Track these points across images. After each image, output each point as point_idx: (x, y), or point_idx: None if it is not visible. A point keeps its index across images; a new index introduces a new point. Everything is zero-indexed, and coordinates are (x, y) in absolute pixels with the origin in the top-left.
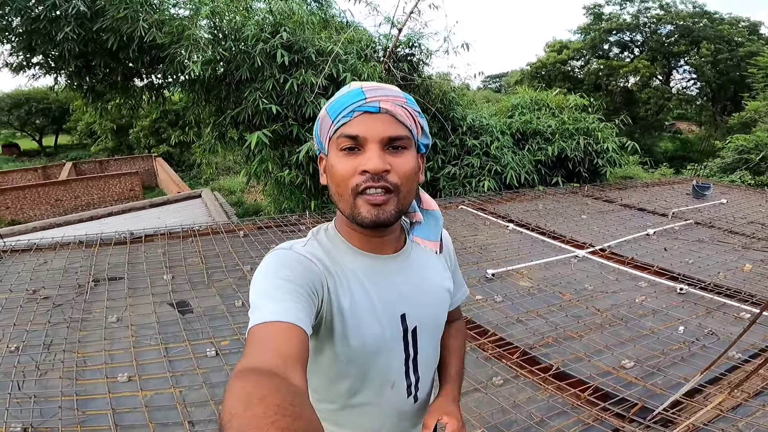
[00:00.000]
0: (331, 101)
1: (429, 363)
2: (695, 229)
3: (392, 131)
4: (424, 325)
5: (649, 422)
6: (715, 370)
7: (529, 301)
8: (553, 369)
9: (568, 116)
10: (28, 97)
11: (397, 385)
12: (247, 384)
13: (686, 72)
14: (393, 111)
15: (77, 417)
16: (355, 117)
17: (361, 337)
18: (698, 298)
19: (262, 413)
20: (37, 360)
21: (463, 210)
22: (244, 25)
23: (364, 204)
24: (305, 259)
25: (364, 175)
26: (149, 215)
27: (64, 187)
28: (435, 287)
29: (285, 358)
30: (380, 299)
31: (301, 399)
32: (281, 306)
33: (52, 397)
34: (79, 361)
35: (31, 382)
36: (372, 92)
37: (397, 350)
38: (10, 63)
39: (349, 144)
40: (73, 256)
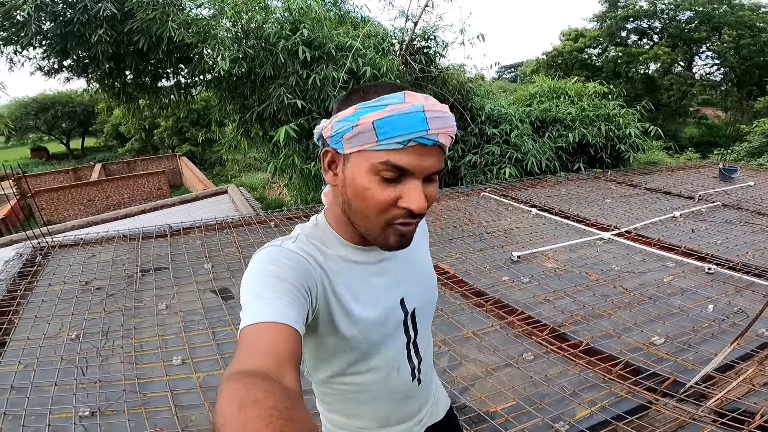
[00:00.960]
0: (381, 114)
1: (427, 344)
2: (722, 211)
3: (437, 166)
4: (421, 307)
5: (682, 395)
6: (746, 347)
7: (555, 282)
8: (583, 345)
9: (587, 103)
10: (54, 100)
11: (402, 369)
12: (240, 387)
13: (709, 58)
14: (445, 144)
15: (140, 399)
16: (409, 146)
17: (361, 325)
18: (727, 278)
19: (256, 416)
20: (98, 346)
21: (485, 197)
22: (265, 23)
23: (395, 233)
24: (296, 256)
25: (403, 210)
26: (180, 211)
27: (96, 187)
28: (426, 269)
29: (277, 360)
30: (379, 287)
31: (295, 401)
32: (272, 306)
33: (115, 381)
34: (137, 347)
35: (95, 367)
36: (435, 123)
37: (398, 334)
38: (42, 67)
39: (393, 175)
40: (118, 249)
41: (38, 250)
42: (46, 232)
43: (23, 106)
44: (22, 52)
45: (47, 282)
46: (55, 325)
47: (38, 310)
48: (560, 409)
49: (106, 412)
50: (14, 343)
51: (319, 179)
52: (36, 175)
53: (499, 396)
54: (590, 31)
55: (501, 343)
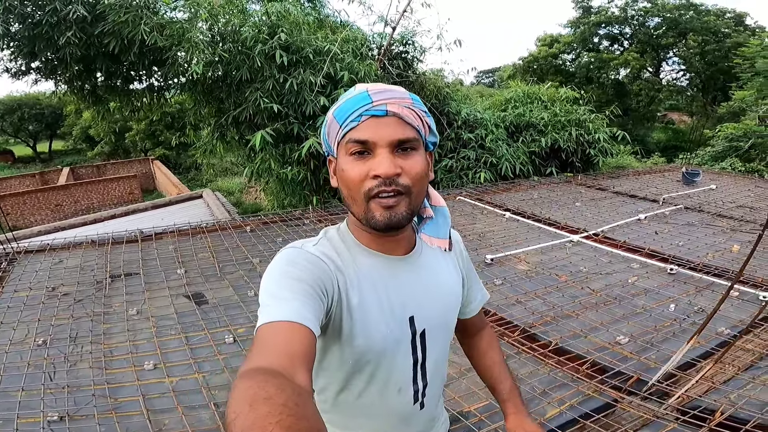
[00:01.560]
0: (338, 105)
1: (437, 369)
2: (685, 214)
3: (401, 134)
4: (432, 329)
5: (645, 393)
6: (706, 345)
7: (527, 283)
8: (552, 345)
9: (560, 108)
10: (21, 102)
11: (403, 390)
12: (253, 383)
13: (675, 63)
14: (400, 113)
15: (110, 404)
16: (362, 121)
17: (367, 338)
18: (688, 278)
19: (266, 412)
20: (66, 352)
21: (461, 200)
22: (242, 27)
23: (377, 207)
24: (316, 258)
25: (375, 179)
26: (152, 216)
27: (64, 191)
28: (445, 290)
29: (291, 358)
30: (389, 300)
31: (306, 399)
32: (289, 306)
33: (84, 386)
34: (106, 352)
35: (62, 372)
36: (378, 95)
37: (404, 354)
38: (10, 68)
39: (358, 149)
40: (87, 255)
41: (3, 256)
42: (12, 237)
43: None
44: None
45: (13, 288)
46: (21, 332)
47: (3, 316)
48: (531, 409)
49: (75, 416)
50: None
51: (296, 184)
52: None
53: (472, 396)
54: (564, 36)
55: None
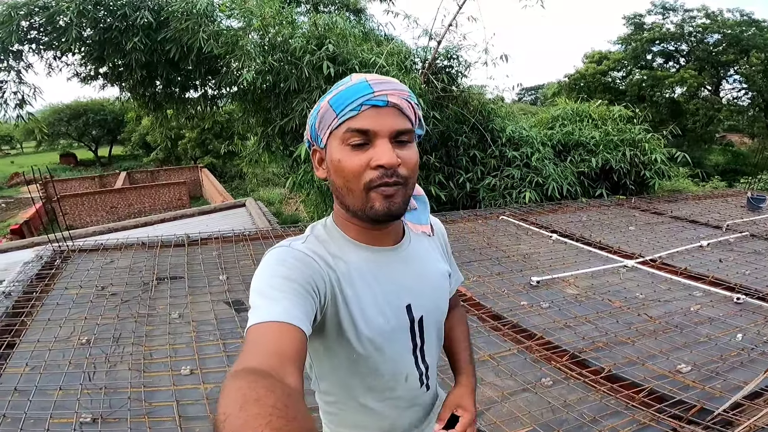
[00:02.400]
0: (334, 93)
1: (434, 351)
2: (751, 241)
3: (400, 125)
4: (429, 314)
5: (709, 423)
6: None
7: (576, 308)
8: (605, 372)
9: (612, 127)
10: (86, 108)
11: (410, 377)
12: (243, 384)
13: (736, 82)
14: (399, 104)
15: (144, 408)
16: (363, 111)
17: (368, 330)
18: (756, 308)
19: (256, 413)
20: (107, 352)
21: (504, 220)
22: (291, 37)
23: (377, 197)
24: (304, 256)
25: (377, 170)
26: (198, 222)
27: (119, 195)
28: (435, 276)
29: (281, 359)
30: (384, 291)
31: (296, 400)
32: (279, 306)
33: (121, 389)
34: (146, 354)
35: (102, 373)
36: (379, 86)
37: (404, 341)
38: (80, 73)
39: (358, 139)
40: (137, 256)
41: (58, 254)
42: (68, 236)
43: (57, 112)
44: (62, 57)
45: (64, 285)
46: (66, 329)
47: (52, 313)
48: None
49: (108, 419)
50: (24, 345)
51: None
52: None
53: (515, 421)
54: (614, 53)
55: (518, 368)
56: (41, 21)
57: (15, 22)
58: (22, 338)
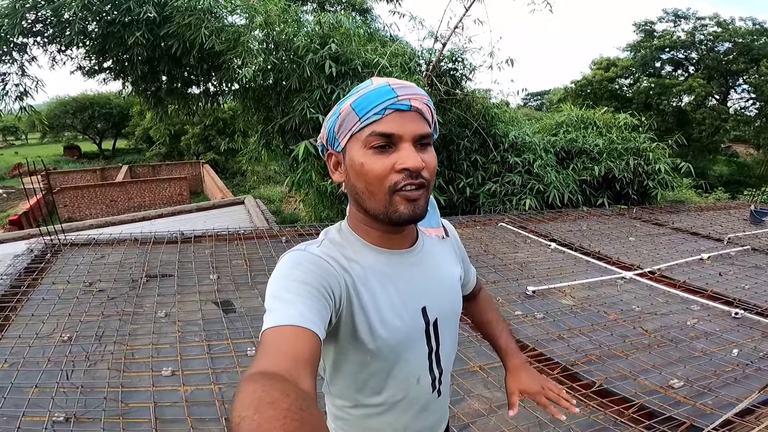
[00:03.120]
0: (356, 97)
1: (449, 355)
2: (752, 255)
3: (423, 129)
4: (444, 317)
5: None
6: None
7: (571, 319)
8: (596, 386)
9: (616, 135)
10: (92, 101)
11: (422, 380)
12: (258, 387)
13: (745, 91)
14: (421, 109)
15: (120, 408)
16: (387, 115)
17: (384, 333)
18: (754, 323)
19: (271, 416)
20: (88, 350)
21: (502, 227)
22: (295, 36)
23: (402, 201)
24: (320, 260)
25: (402, 173)
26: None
27: (120, 188)
28: (450, 279)
29: (295, 362)
30: (400, 294)
31: (310, 403)
32: (294, 309)
33: (98, 388)
34: (128, 354)
35: (80, 372)
36: (402, 90)
37: (420, 344)
38: (83, 67)
39: (381, 142)
40: (128, 253)
41: (49, 247)
42: (60, 229)
43: (63, 104)
44: (65, 51)
45: (51, 280)
46: (49, 326)
47: (36, 309)
48: None
49: (81, 419)
50: (5, 341)
51: (335, 197)
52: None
53: None
54: (623, 60)
55: None
56: (46, 14)
57: (20, 15)
58: (5, 333)
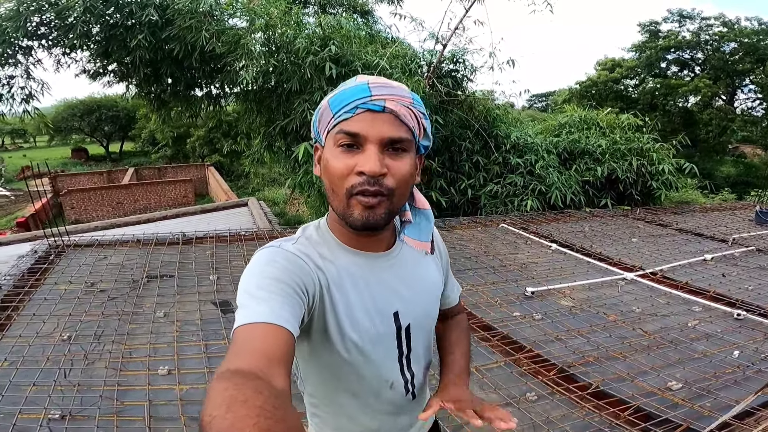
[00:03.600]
0: (335, 93)
1: (421, 360)
2: (756, 256)
3: (393, 132)
4: (416, 323)
5: None
6: None
7: (570, 320)
8: (592, 387)
9: (620, 136)
10: (99, 104)
11: (395, 384)
12: (229, 386)
13: (752, 92)
14: (397, 111)
15: (115, 407)
16: (357, 114)
17: (354, 335)
18: (757, 324)
19: (243, 415)
20: (87, 350)
21: (503, 228)
22: (296, 38)
23: (357, 205)
24: (294, 257)
25: (360, 176)
26: (200, 220)
27: (126, 190)
28: (427, 285)
29: (268, 360)
30: (372, 297)
31: (284, 401)
32: (267, 306)
33: (95, 386)
34: (125, 353)
35: (78, 370)
36: (378, 89)
37: (390, 347)
38: (88, 70)
39: (347, 141)
40: (130, 254)
41: (53, 248)
42: (64, 231)
43: (71, 107)
44: (70, 53)
45: (54, 280)
46: (50, 325)
47: (38, 308)
48: None
49: (77, 416)
50: (6, 339)
51: None
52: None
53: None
54: (628, 61)
55: (504, 381)
56: (50, 17)
57: (23, 18)
58: (6, 333)
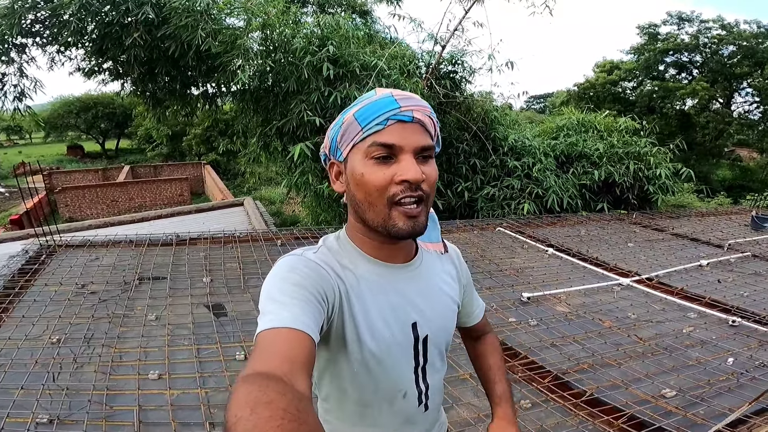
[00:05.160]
0: (359, 107)
1: (436, 371)
2: (752, 262)
3: (424, 141)
4: (434, 335)
5: None
6: (762, 401)
7: (565, 326)
8: (586, 395)
9: (617, 139)
10: (96, 101)
11: (409, 394)
12: (254, 388)
13: (749, 95)
14: (423, 120)
15: (104, 411)
16: (389, 125)
17: (372, 343)
18: (751, 331)
19: (268, 416)
20: (76, 353)
21: (500, 232)
22: (294, 38)
23: (400, 216)
24: (316, 266)
25: (401, 185)
26: (194, 219)
27: (121, 188)
28: (445, 297)
29: (291, 364)
30: (391, 306)
31: (306, 405)
32: (289, 312)
33: (83, 390)
34: (115, 357)
35: (67, 374)
36: (405, 101)
37: (407, 358)
38: (83, 68)
39: (382, 153)
40: (122, 255)
41: (44, 249)
42: (56, 230)
43: (67, 104)
44: (64, 51)
45: (44, 282)
46: (39, 327)
47: (27, 310)
48: None
49: (65, 421)
50: None
51: (332, 200)
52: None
53: None
54: (626, 63)
55: None
56: (45, 14)
57: (18, 15)
58: None
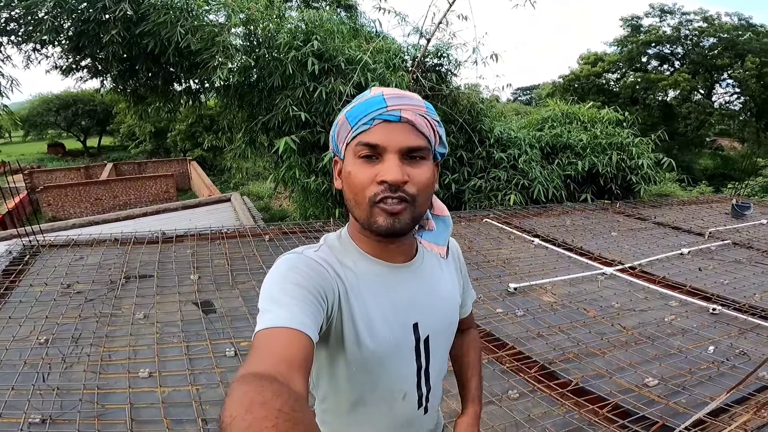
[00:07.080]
0: (351, 106)
1: (439, 373)
2: (732, 250)
3: (411, 141)
4: (436, 335)
5: None
6: (743, 390)
7: (551, 317)
8: (572, 384)
9: (601, 130)
10: (76, 98)
11: (408, 396)
12: (249, 388)
13: (729, 86)
14: (413, 120)
15: (96, 410)
16: (375, 125)
17: (371, 344)
18: (731, 319)
19: (263, 416)
20: (65, 353)
21: (487, 223)
22: (278, 33)
23: (381, 213)
24: (316, 264)
25: (382, 185)
26: (181, 216)
27: (104, 186)
28: (447, 297)
29: (288, 364)
30: (392, 307)
31: (302, 405)
32: (288, 311)
33: (74, 390)
34: (104, 356)
35: (56, 374)
36: (393, 100)
37: (408, 360)
38: (60, 66)
39: (367, 152)
40: (107, 253)
41: (28, 249)
42: (39, 230)
43: (46, 102)
44: (41, 49)
45: (29, 282)
46: (26, 328)
47: (13, 311)
48: None
49: (57, 420)
50: None
51: (320, 194)
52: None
53: None
54: (610, 55)
55: (486, 379)
56: (20, 12)
57: None
58: None
